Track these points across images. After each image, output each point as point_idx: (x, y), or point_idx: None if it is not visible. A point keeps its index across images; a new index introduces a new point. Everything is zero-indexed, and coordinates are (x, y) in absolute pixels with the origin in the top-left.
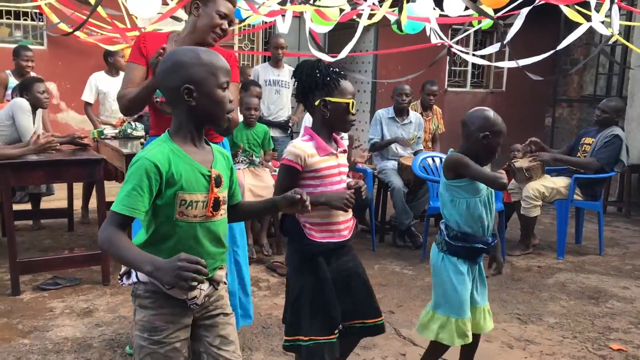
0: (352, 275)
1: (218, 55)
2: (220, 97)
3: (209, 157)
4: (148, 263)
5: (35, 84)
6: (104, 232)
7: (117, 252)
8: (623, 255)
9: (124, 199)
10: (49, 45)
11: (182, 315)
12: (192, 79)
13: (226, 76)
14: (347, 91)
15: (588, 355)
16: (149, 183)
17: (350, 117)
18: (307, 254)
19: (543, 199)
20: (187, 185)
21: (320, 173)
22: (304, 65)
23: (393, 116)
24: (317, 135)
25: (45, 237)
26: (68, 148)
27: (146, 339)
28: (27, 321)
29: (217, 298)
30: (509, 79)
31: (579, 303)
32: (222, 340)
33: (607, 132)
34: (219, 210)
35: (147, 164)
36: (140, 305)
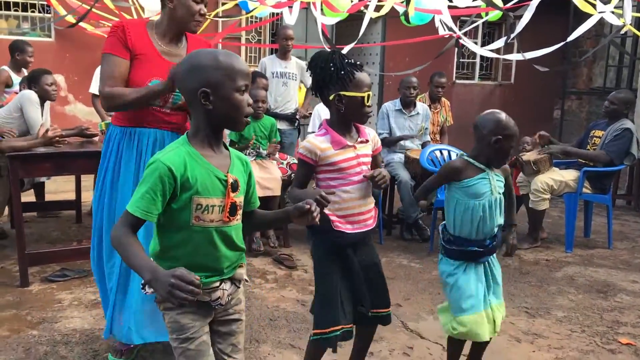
0: (370, 265)
1: (237, 59)
2: (237, 100)
3: (227, 161)
4: (148, 271)
5: (44, 76)
6: (116, 231)
7: (124, 253)
8: (632, 249)
9: (138, 200)
10: (57, 37)
11: (205, 315)
12: (209, 82)
13: (245, 79)
14: (362, 84)
15: (596, 349)
16: (162, 187)
17: (367, 109)
18: (335, 246)
19: (552, 192)
20: (202, 190)
21: (337, 166)
22: (319, 57)
23: (400, 108)
24: (331, 130)
25: (53, 229)
26: (76, 140)
27: (176, 339)
28: (36, 312)
29: (236, 301)
30: (518, 71)
31: (588, 297)
32: (233, 348)
33: (617, 125)
34: (235, 215)
35: (162, 167)
36: (165, 308)
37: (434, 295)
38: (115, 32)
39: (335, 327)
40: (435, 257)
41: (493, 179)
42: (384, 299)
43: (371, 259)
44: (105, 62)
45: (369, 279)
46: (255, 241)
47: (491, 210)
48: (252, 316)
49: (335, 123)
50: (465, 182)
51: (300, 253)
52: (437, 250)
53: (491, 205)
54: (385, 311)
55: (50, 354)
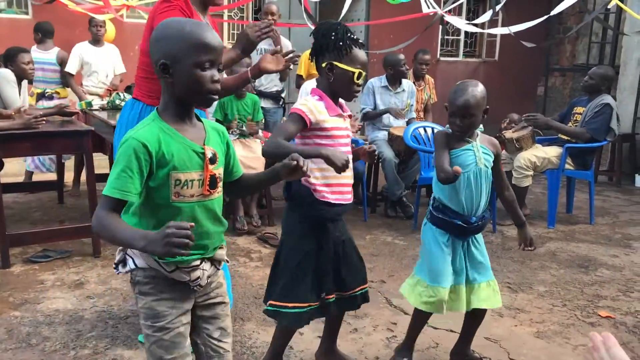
0: (346, 241)
1: (206, 31)
2: (197, 76)
3: (202, 133)
4: (140, 238)
5: (20, 54)
6: (96, 217)
7: (109, 234)
8: (613, 224)
9: (114, 181)
10: (34, 14)
11: (184, 299)
12: (169, 54)
13: (209, 54)
14: (357, 60)
15: (577, 322)
16: (139, 164)
17: (355, 87)
18: (318, 219)
19: (534, 169)
20: (180, 164)
21: (329, 132)
22: (324, 25)
23: (386, 85)
24: (326, 96)
25: (35, 210)
26: (55, 119)
27: (150, 326)
28: (18, 294)
29: (217, 285)
30: (502, 48)
31: (569, 272)
32: (222, 332)
33: (597, 101)
34: (216, 187)
35: (136, 144)
36: (141, 292)
37: None
38: (179, 6)
39: (302, 304)
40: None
41: (479, 151)
42: (361, 275)
43: (346, 234)
44: None
45: (346, 255)
46: (238, 220)
47: (476, 181)
48: (236, 294)
49: (326, 92)
50: (452, 152)
51: None
52: (420, 227)
53: (476, 177)
54: (361, 289)
55: (33, 334)
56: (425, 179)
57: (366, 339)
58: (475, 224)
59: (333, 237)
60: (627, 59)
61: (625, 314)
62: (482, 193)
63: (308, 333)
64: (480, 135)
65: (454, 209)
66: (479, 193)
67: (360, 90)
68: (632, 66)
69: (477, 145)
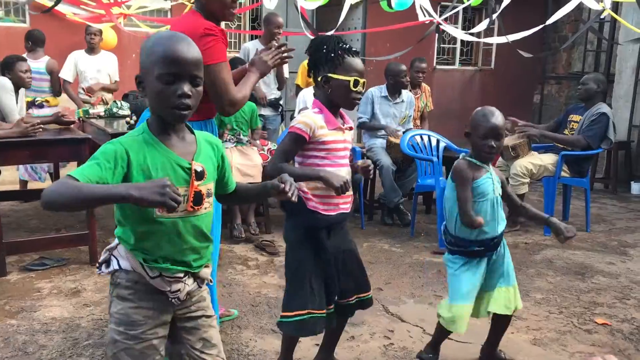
0: (346, 251)
1: (178, 43)
2: (156, 90)
3: (192, 148)
4: (122, 186)
5: (18, 63)
6: (53, 185)
7: (75, 190)
8: (609, 231)
9: (83, 168)
10: (32, 22)
11: (162, 310)
12: (142, 68)
13: (171, 67)
14: (351, 68)
15: (573, 329)
16: (114, 166)
17: (354, 94)
18: (310, 228)
19: (531, 176)
20: None
21: (327, 146)
22: (317, 39)
23: (386, 95)
24: (326, 109)
25: (31, 218)
26: (53, 127)
27: (122, 332)
28: (14, 302)
29: (199, 299)
30: (498, 56)
31: (565, 279)
32: (204, 343)
33: (594, 109)
34: (201, 204)
35: (119, 148)
36: (119, 296)
37: (414, 279)
38: (221, 38)
39: (301, 311)
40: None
41: (495, 179)
42: (365, 283)
43: (347, 244)
44: (223, 71)
45: (345, 265)
46: (236, 228)
47: (493, 209)
48: (233, 302)
49: (325, 105)
50: (475, 182)
51: (281, 239)
52: (417, 234)
53: (493, 205)
54: (365, 295)
55: (29, 343)
56: (422, 186)
57: (363, 346)
58: (491, 243)
59: (331, 245)
60: (622, 68)
61: (621, 321)
62: (500, 219)
63: (305, 341)
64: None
65: (466, 237)
66: (495, 220)
67: (360, 98)
68: (627, 74)
69: (492, 172)
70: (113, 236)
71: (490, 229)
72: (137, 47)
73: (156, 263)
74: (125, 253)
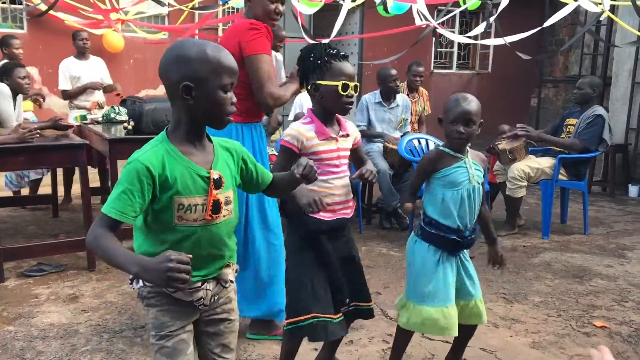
0: (347, 257)
1: (226, 54)
2: (221, 98)
3: (210, 157)
4: (135, 264)
5: (16, 69)
6: (92, 233)
7: (104, 253)
8: (607, 234)
9: (114, 201)
10: (30, 28)
11: (189, 313)
12: (193, 77)
13: (231, 77)
14: (338, 72)
15: (572, 332)
16: (141, 187)
17: (344, 99)
18: (310, 233)
19: (528, 180)
20: (183, 189)
21: (319, 156)
22: (305, 49)
23: (380, 101)
24: (316, 119)
25: (29, 224)
26: (51, 133)
27: (155, 335)
28: (12, 308)
29: (225, 300)
30: (495, 60)
31: (564, 282)
32: (223, 348)
33: (589, 112)
34: (219, 212)
35: (140, 167)
36: (148, 304)
37: None
38: (265, 33)
39: (306, 315)
40: None
41: (471, 167)
42: (363, 294)
43: (349, 251)
44: (265, 62)
45: (346, 272)
46: None
47: (470, 199)
48: None
49: (318, 114)
50: (442, 171)
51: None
52: None
53: (470, 194)
54: (367, 305)
55: (27, 349)
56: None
57: (362, 350)
58: (469, 237)
59: (334, 250)
60: (619, 70)
61: (620, 323)
62: (475, 209)
63: (303, 344)
64: (470, 151)
65: (448, 225)
66: (472, 209)
67: (352, 102)
68: (624, 77)
69: (469, 161)
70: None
71: (468, 219)
72: (134, 53)
73: None
74: None
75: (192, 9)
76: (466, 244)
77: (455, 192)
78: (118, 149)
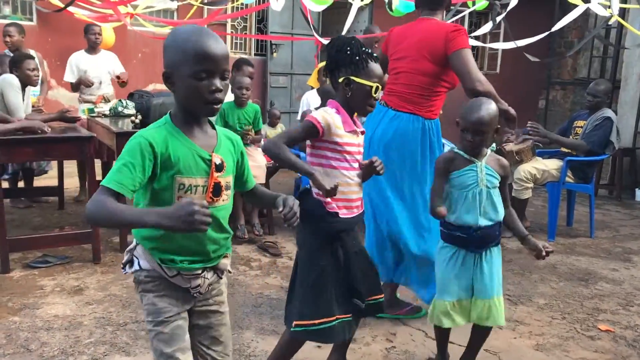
0: (358, 252)
1: (208, 40)
2: (192, 86)
3: (212, 141)
4: (151, 214)
5: (26, 60)
6: (93, 200)
7: (110, 215)
8: (613, 237)
9: (114, 173)
10: (39, 21)
11: (184, 300)
12: (169, 64)
13: (206, 64)
14: (374, 74)
15: (576, 335)
16: (142, 162)
17: (372, 101)
18: (331, 232)
19: (535, 182)
20: (185, 169)
21: (342, 147)
22: (338, 40)
23: None
24: (343, 110)
25: (35, 215)
26: (58, 125)
27: (151, 322)
28: (17, 299)
29: (217, 292)
30: (504, 61)
31: (569, 285)
32: (212, 340)
33: (598, 114)
34: (220, 195)
35: (143, 141)
36: (144, 289)
37: None
38: (464, 33)
39: (329, 317)
40: None
41: (482, 172)
42: (377, 285)
43: (358, 244)
44: (471, 55)
45: (359, 265)
46: (239, 228)
47: (475, 200)
48: (235, 303)
49: (342, 106)
50: (454, 173)
51: (285, 241)
52: None
53: (475, 196)
54: (378, 297)
55: (31, 340)
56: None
57: (365, 349)
58: (474, 234)
59: (347, 248)
60: (628, 74)
61: (625, 327)
62: (480, 210)
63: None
64: (489, 154)
65: (453, 222)
66: (478, 210)
67: (375, 105)
68: (633, 80)
69: (481, 165)
70: (116, 235)
71: (471, 218)
72: (142, 47)
73: (173, 263)
74: (144, 253)
75: (202, 4)
76: (476, 240)
77: (461, 193)
78: (125, 142)
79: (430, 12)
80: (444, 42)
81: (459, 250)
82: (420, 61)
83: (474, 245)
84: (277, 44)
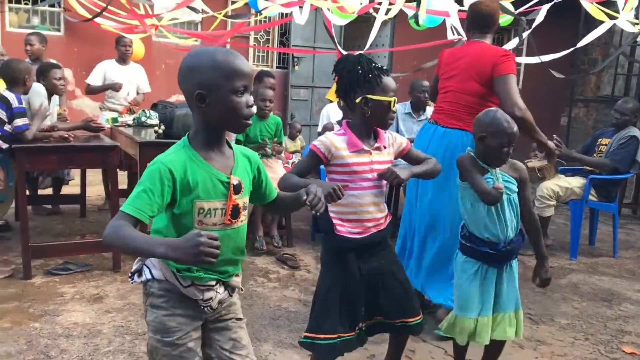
0: (385, 273)
1: (236, 58)
2: (234, 103)
3: (230, 162)
4: (160, 245)
5: (53, 70)
6: (110, 225)
7: (123, 240)
8: (637, 258)
9: (133, 199)
10: (66, 31)
11: (195, 317)
12: (205, 84)
13: (243, 80)
14: (389, 88)
15: (600, 357)
16: (161, 188)
17: (391, 114)
18: (340, 250)
19: (557, 199)
20: (204, 193)
21: (349, 168)
22: (346, 60)
23: (410, 112)
24: (350, 131)
25: (57, 223)
26: (82, 133)
27: (159, 340)
28: (38, 305)
29: (229, 304)
30: (526, 76)
31: (592, 305)
32: (234, 343)
33: (623, 132)
34: (238, 217)
35: (162, 168)
36: (152, 305)
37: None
38: (513, 59)
39: (332, 335)
40: None
41: (498, 179)
42: (407, 307)
43: (385, 264)
44: (515, 81)
45: (384, 287)
46: (258, 240)
47: (497, 209)
48: (253, 315)
49: (357, 126)
50: (466, 182)
51: (303, 253)
52: None
53: (497, 205)
54: (413, 320)
55: (51, 346)
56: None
57: None
58: (503, 249)
59: (364, 267)
60: None
61: None
62: (507, 220)
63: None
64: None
65: (478, 235)
66: (502, 220)
67: (394, 117)
68: None
69: (496, 173)
70: None
71: (499, 230)
72: (166, 58)
73: (189, 272)
74: (158, 262)
75: (225, 17)
76: (502, 255)
77: (481, 202)
78: (148, 152)
79: (480, 35)
80: (492, 65)
81: (482, 266)
82: (468, 81)
83: (498, 261)
84: (299, 57)
